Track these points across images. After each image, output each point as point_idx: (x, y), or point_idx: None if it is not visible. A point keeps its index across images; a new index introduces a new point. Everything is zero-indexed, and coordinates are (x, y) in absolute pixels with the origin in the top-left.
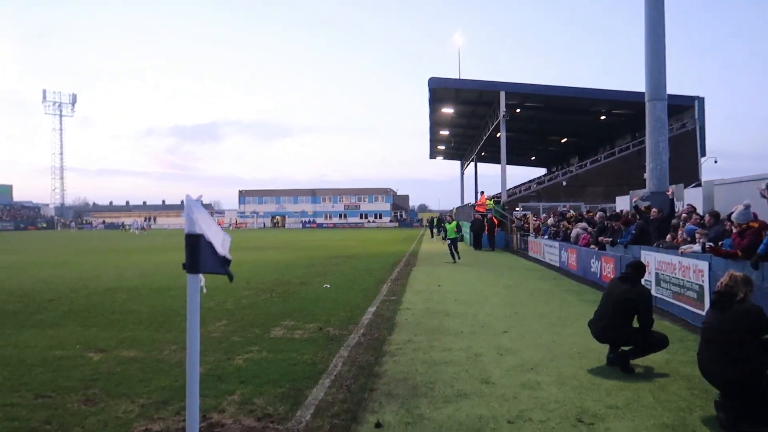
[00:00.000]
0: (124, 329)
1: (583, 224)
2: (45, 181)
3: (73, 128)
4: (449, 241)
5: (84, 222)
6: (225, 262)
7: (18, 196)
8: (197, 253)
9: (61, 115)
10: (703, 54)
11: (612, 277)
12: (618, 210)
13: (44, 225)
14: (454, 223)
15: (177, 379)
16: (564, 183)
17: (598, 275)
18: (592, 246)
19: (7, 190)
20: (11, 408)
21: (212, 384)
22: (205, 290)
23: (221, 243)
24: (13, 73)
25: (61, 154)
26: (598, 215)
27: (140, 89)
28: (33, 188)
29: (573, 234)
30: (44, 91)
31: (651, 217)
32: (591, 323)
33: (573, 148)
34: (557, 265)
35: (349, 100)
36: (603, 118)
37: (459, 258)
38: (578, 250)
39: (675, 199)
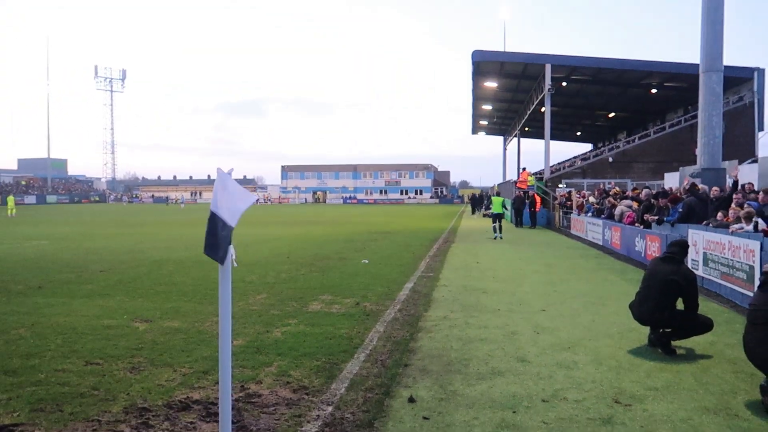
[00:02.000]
0: (168, 300)
1: (628, 201)
2: (97, 156)
3: (124, 104)
4: (493, 215)
5: (134, 196)
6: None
7: (72, 170)
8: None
9: (112, 91)
10: (764, 21)
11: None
12: (666, 187)
13: (97, 198)
14: (501, 198)
15: (217, 349)
16: (610, 159)
17: (643, 254)
18: (637, 224)
19: (62, 164)
20: (63, 373)
21: (251, 356)
22: (236, 264)
23: (234, 210)
24: (67, 49)
25: (112, 129)
26: (644, 192)
27: (188, 66)
28: (86, 162)
29: (617, 212)
30: (96, 67)
31: (712, 196)
32: (632, 305)
33: (621, 123)
34: (600, 243)
35: (392, 76)
36: (654, 91)
37: (499, 234)
38: (622, 228)
39: (728, 176)
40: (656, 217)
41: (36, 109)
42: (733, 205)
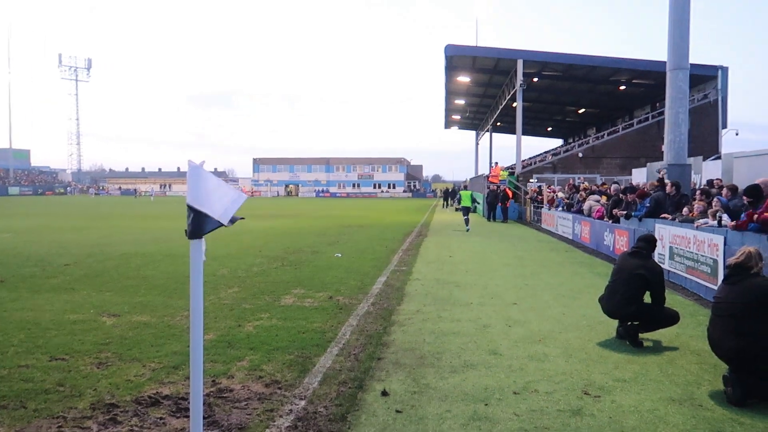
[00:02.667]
0: (137, 294)
1: (596, 196)
2: (62, 147)
3: (90, 94)
4: (463, 209)
5: (100, 188)
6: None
7: (36, 161)
8: (198, 222)
9: (77, 80)
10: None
11: (625, 250)
12: (634, 182)
13: (62, 190)
14: (469, 192)
15: (188, 344)
16: (580, 154)
17: (611, 248)
18: (606, 219)
19: (25, 155)
20: (26, 369)
21: (222, 350)
22: (204, 258)
23: (226, 207)
24: (30, 37)
25: (77, 119)
26: (612, 188)
27: (158, 57)
28: (51, 154)
29: (585, 206)
30: (60, 55)
31: (667, 192)
32: (601, 299)
33: (591, 119)
34: (570, 237)
35: (366, 69)
36: (623, 88)
37: (469, 228)
38: (592, 222)
39: (693, 172)
40: (624, 212)
41: None
42: (697, 200)
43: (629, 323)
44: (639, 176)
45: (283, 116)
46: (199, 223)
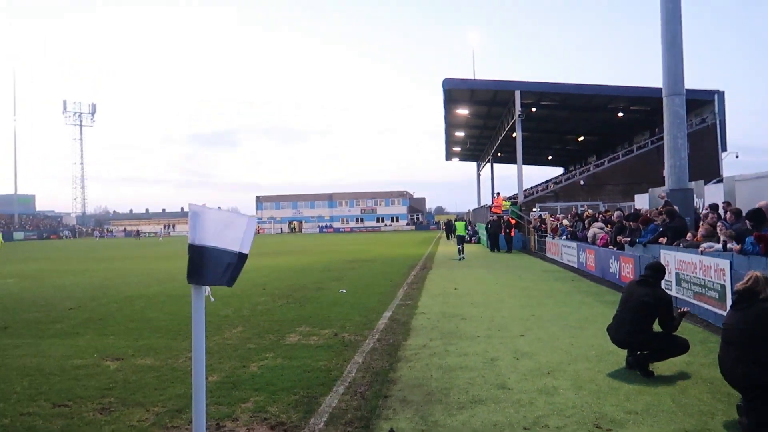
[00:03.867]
0: (140, 337)
1: (600, 224)
2: (67, 191)
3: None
4: (458, 238)
5: (106, 231)
6: (240, 258)
7: (41, 205)
8: (200, 264)
9: (81, 125)
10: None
11: (631, 277)
12: (637, 208)
13: (67, 234)
14: (464, 222)
15: (191, 387)
16: (582, 182)
17: (617, 276)
18: (611, 246)
19: (30, 200)
20: (29, 417)
21: (226, 392)
22: (212, 299)
23: (241, 238)
24: (35, 84)
25: (82, 163)
26: (615, 214)
27: (158, 97)
28: (55, 198)
29: (590, 234)
30: (65, 102)
31: (655, 223)
32: (610, 329)
33: (591, 147)
34: (575, 266)
35: (364, 103)
36: (620, 115)
37: (463, 255)
38: (596, 250)
39: (695, 196)
40: (628, 239)
41: (1, 145)
42: (702, 224)
43: (639, 353)
44: (641, 202)
45: (285, 152)
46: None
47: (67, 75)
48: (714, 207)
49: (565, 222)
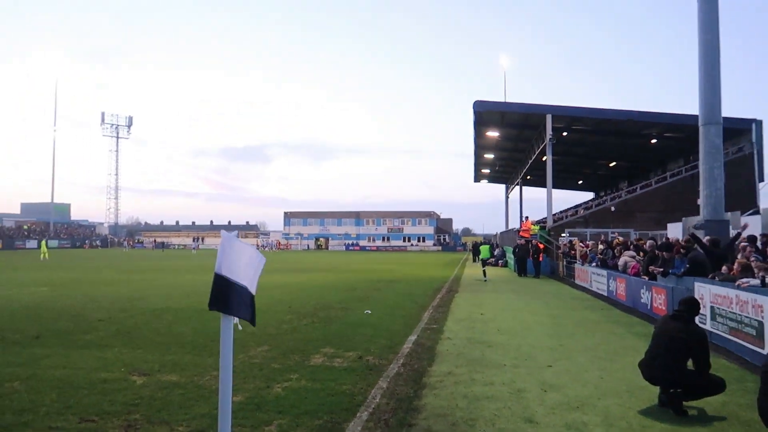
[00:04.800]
0: (167, 352)
1: (631, 252)
2: (101, 200)
3: (129, 149)
4: (482, 261)
5: (136, 241)
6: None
7: (75, 214)
8: (222, 294)
9: (117, 137)
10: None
11: (663, 308)
12: (669, 237)
13: (98, 243)
14: (488, 246)
15: (216, 406)
16: (612, 208)
17: (649, 306)
18: (642, 276)
19: (66, 209)
20: (56, 431)
21: (250, 413)
22: (239, 327)
23: (251, 278)
24: (75, 95)
25: (116, 174)
26: (648, 243)
27: (191, 111)
28: (89, 207)
29: (620, 262)
30: (102, 114)
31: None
32: (642, 364)
33: (622, 172)
34: (605, 294)
35: (395, 122)
36: (654, 141)
37: (486, 278)
38: (627, 279)
39: (731, 227)
40: (661, 269)
41: (41, 154)
42: (738, 258)
43: (672, 390)
44: (674, 231)
45: (314, 169)
46: (228, 295)
47: (106, 87)
48: (752, 239)
49: (600, 247)
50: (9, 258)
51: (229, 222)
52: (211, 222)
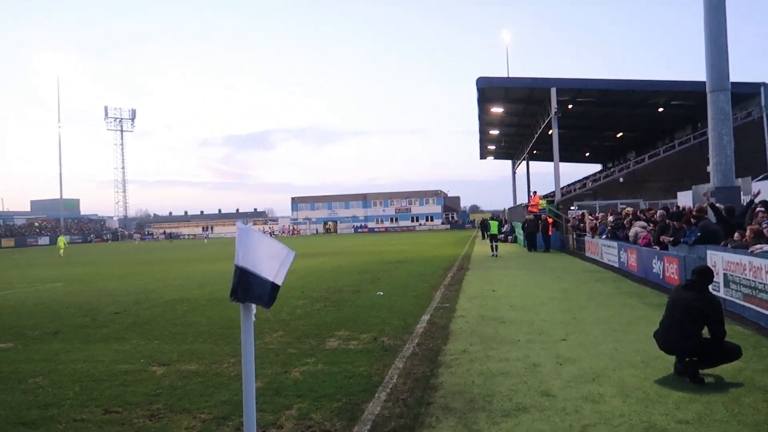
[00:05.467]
0: (184, 342)
1: (642, 222)
2: (109, 194)
3: (133, 142)
4: (491, 237)
5: (146, 233)
6: (273, 288)
7: (85, 209)
8: (241, 285)
9: (122, 131)
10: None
11: (675, 278)
12: (680, 206)
13: (108, 237)
14: (497, 222)
15: (236, 393)
16: (621, 179)
17: (661, 276)
18: (653, 246)
19: (75, 204)
20: (82, 423)
21: (270, 398)
22: (254, 318)
23: (276, 270)
24: (77, 90)
25: (123, 168)
26: (659, 213)
27: (194, 101)
28: (98, 201)
29: (631, 233)
30: (106, 108)
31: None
32: (656, 335)
33: (630, 143)
34: (616, 265)
35: (398, 102)
36: (661, 110)
37: (496, 253)
38: (638, 250)
39: (742, 193)
40: (671, 239)
41: (48, 151)
42: (750, 224)
43: (688, 359)
44: (685, 199)
45: (319, 153)
46: (249, 285)
47: (108, 81)
48: (766, 205)
49: (610, 218)
50: (24, 255)
51: (237, 210)
52: (219, 210)
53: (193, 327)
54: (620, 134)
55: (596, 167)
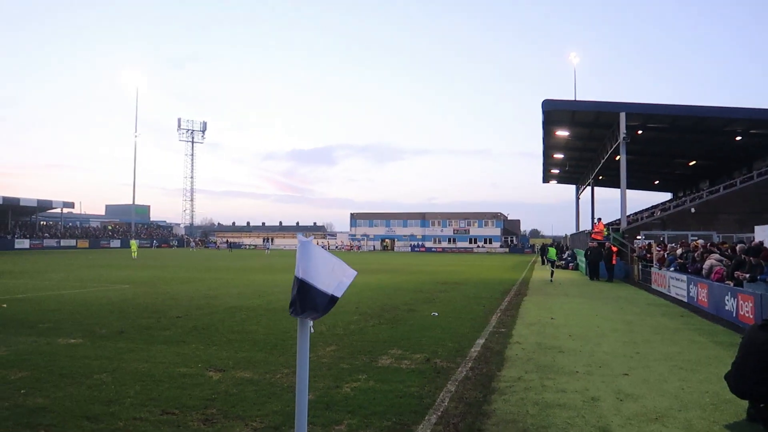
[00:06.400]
0: (241, 349)
1: (717, 255)
2: (177, 202)
3: (203, 153)
4: (550, 262)
5: (209, 241)
6: (331, 300)
7: (154, 215)
8: (301, 298)
9: (192, 142)
10: None
11: (750, 317)
12: (757, 240)
13: (175, 243)
14: (554, 249)
15: (288, 404)
16: (692, 210)
17: (734, 314)
18: (727, 281)
19: (146, 210)
20: (140, 422)
21: (320, 412)
22: (312, 330)
23: (336, 284)
24: (153, 102)
25: (192, 177)
26: (738, 247)
27: (262, 116)
28: (167, 209)
29: (706, 265)
30: (179, 120)
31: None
32: (728, 376)
33: (703, 172)
34: (685, 300)
35: (461, 122)
36: (738, 138)
37: (551, 279)
38: (710, 285)
39: None
40: (747, 275)
41: (123, 159)
42: None
43: (763, 405)
44: (762, 234)
45: (379, 170)
46: (308, 298)
47: (181, 93)
48: None
49: (679, 251)
50: (97, 256)
51: (297, 223)
52: (280, 223)
53: (249, 335)
54: (693, 162)
55: (666, 196)
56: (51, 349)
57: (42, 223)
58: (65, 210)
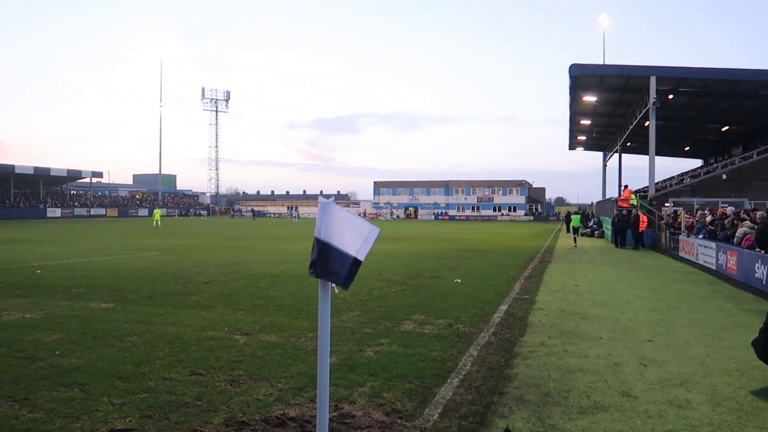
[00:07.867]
0: (266, 314)
1: (750, 223)
2: (203, 171)
3: (227, 122)
4: (573, 229)
5: (235, 210)
6: (354, 264)
7: (180, 185)
8: (321, 259)
9: (216, 111)
10: None
11: None
12: None
13: (201, 212)
14: (579, 216)
15: (312, 366)
16: (724, 176)
17: (764, 282)
18: (757, 249)
19: (172, 179)
20: (170, 382)
21: (344, 374)
22: (336, 291)
23: (359, 245)
24: (178, 71)
25: (216, 146)
26: (758, 215)
27: (285, 84)
28: (193, 178)
29: (739, 233)
30: (203, 89)
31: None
32: (756, 343)
33: (736, 138)
34: (713, 268)
35: (486, 89)
36: None
37: (576, 245)
38: (739, 252)
39: None
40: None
41: (149, 128)
42: None
43: None
44: None
45: (403, 137)
46: (329, 260)
47: (205, 63)
48: None
49: (708, 219)
50: (126, 224)
51: (321, 191)
52: (304, 191)
53: (274, 300)
54: (725, 128)
55: (696, 162)
56: (84, 313)
57: (72, 192)
58: (94, 180)
